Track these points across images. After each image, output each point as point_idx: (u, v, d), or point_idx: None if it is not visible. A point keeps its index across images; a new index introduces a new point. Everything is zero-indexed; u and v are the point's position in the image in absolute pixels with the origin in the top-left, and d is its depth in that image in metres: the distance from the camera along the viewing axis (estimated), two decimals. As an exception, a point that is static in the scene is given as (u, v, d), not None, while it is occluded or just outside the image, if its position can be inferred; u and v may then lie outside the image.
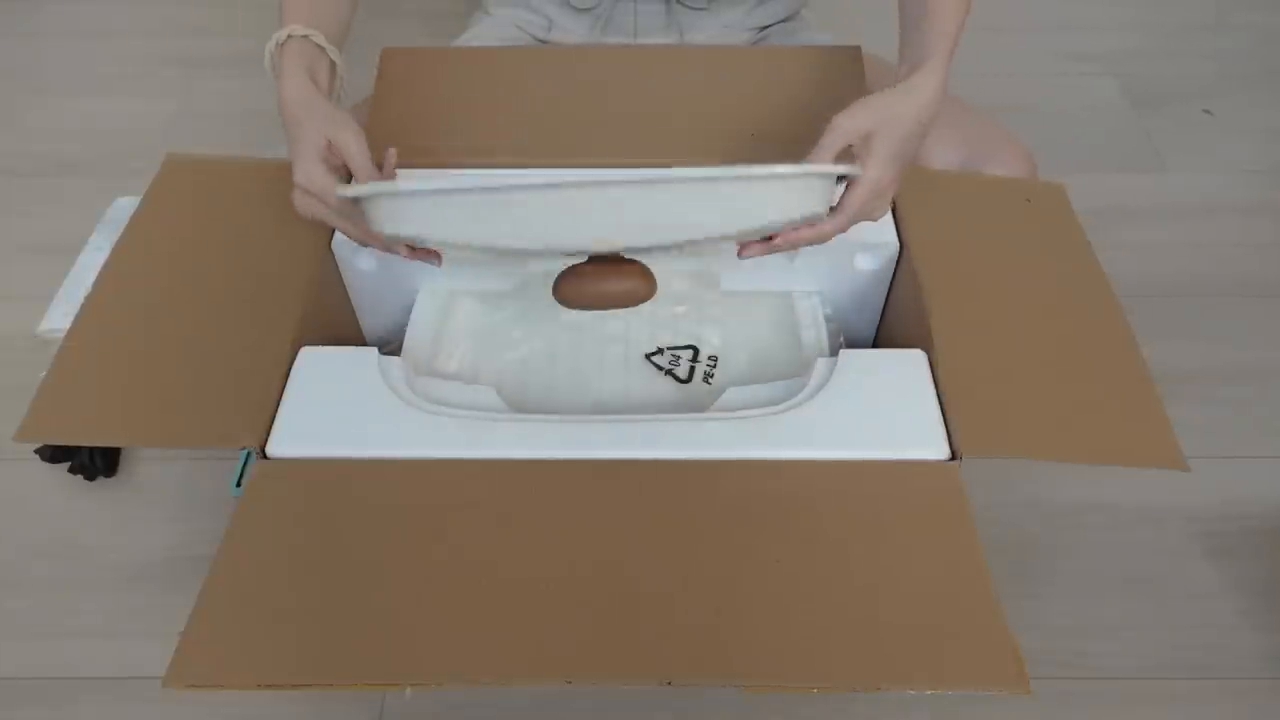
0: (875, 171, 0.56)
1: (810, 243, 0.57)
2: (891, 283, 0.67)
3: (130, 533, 0.90)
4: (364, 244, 0.60)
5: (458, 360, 0.65)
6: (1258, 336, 1.06)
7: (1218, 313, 1.08)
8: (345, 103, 0.82)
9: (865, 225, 0.63)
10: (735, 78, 0.75)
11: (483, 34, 0.86)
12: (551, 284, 0.59)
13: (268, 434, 0.54)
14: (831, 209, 0.57)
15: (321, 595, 0.48)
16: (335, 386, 0.57)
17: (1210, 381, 1.01)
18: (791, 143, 0.68)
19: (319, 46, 0.64)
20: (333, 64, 0.65)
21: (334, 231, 0.65)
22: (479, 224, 0.50)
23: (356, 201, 0.55)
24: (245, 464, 0.78)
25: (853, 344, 0.63)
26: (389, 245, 0.58)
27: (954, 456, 0.53)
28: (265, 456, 0.54)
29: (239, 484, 0.80)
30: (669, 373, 0.64)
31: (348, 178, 0.60)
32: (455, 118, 0.72)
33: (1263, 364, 1.03)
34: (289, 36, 0.64)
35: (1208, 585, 0.86)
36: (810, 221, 0.55)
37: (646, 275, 0.58)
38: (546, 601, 0.47)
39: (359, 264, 0.66)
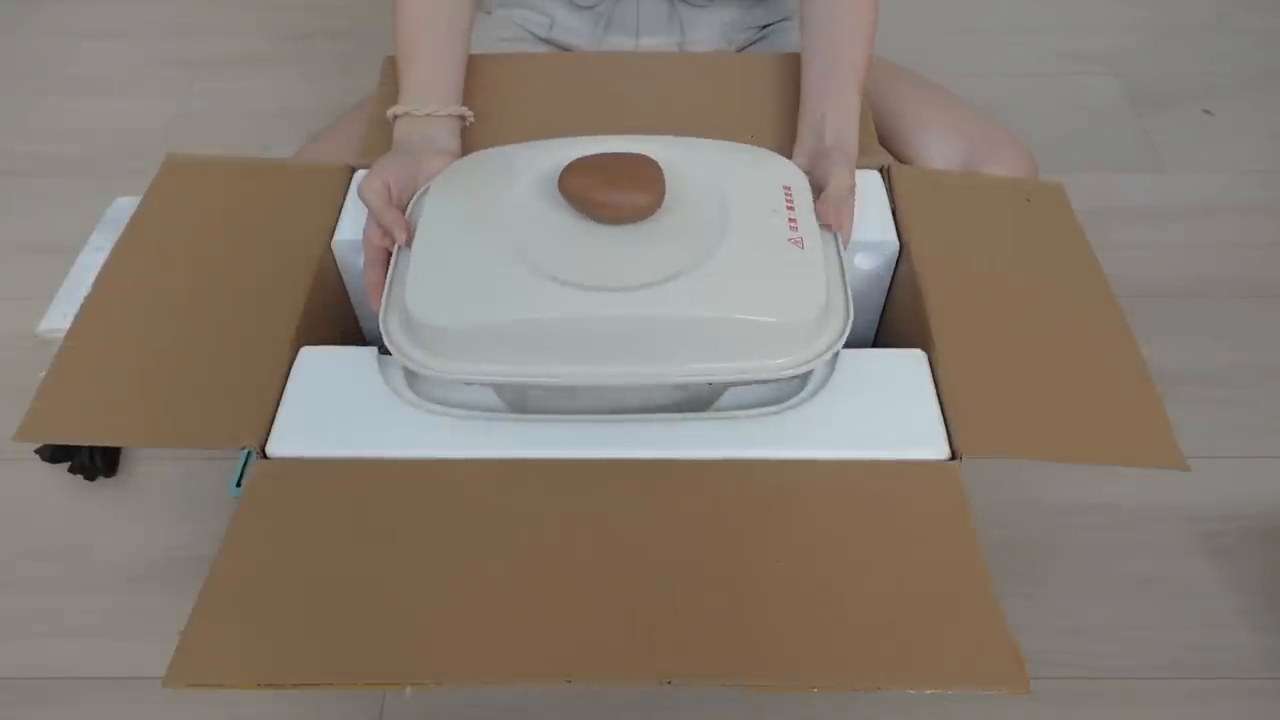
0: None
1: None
2: (891, 283, 0.67)
3: (130, 533, 0.90)
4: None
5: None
6: (1258, 336, 1.06)
7: (1218, 313, 1.08)
8: (347, 103, 0.83)
9: (865, 225, 0.63)
10: (735, 83, 0.76)
11: (484, 34, 0.86)
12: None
13: (268, 434, 0.54)
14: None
15: (321, 595, 0.48)
16: (335, 386, 0.57)
17: (1210, 381, 1.01)
18: (788, 144, 0.69)
19: (430, 116, 0.67)
20: (456, 117, 0.68)
21: (334, 231, 0.65)
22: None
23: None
24: (245, 464, 0.78)
25: (853, 344, 0.63)
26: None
27: (954, 456, 0.53)
28: (265, 456, 0.54)
29: (239, 484, 0.80)
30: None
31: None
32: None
33: (1263, 364, 1.03)
34: (395, 116, 0.67)
35: (1208, 585, 0.86)
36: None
37: (653, 188, 0.57)
38: (546, 601, 0.47)
39: (359, 264, 0.66)
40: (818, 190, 0.61)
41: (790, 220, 0.58)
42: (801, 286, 0.55)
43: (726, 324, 0.53)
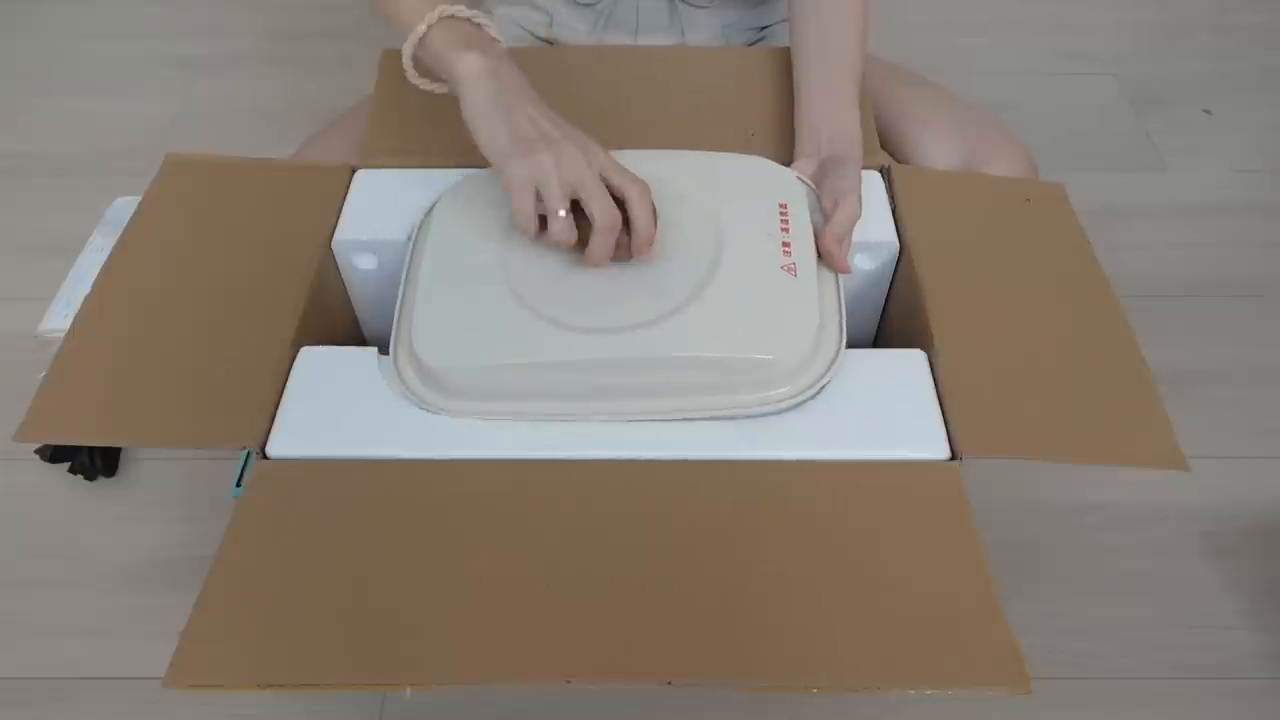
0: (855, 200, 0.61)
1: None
2: (891, 283, 0.67)
3: (130, 533, 0.90)
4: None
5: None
6: (1257, 336, 1.06)
7: (1218, 313, 1.08)
8: (347, 103, 0.83)
9: (865, 225, 0.63)
10: (735, 78, 0.75)
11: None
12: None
13: (268, 434, 0.54)
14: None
15: (321, 595, 0.48)
16: (335, 386, 0.57)
17: (1210, 381, 1.01)
18: (788, 140, 0.69)
19: (475, 23, 0.59)
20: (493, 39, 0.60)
21: (334, 231, 0.65)
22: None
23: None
24: (245, 464, 0.78)
25: (853, 344, 0.63)
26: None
27: (954, 456, 0.53)
28: (265, 456, 0.54)
29: (239, 484, 0.80)
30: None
31: None
32: (455, 118, 0.72)
33: (1262, 364, 1.03)
34: (440, 18, 0.58)
35: (1208, 585, 0.86)
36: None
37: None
38: (547, 601, 0.47)
39: (359, 264, 0.66)
40: (826, 202, 0.61)
41: (784, 245, 0.58)
42: (794, 319, 0.55)
43: (718, 363, 0.54)
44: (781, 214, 0.60)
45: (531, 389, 0.55)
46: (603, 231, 0.54)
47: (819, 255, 0.60)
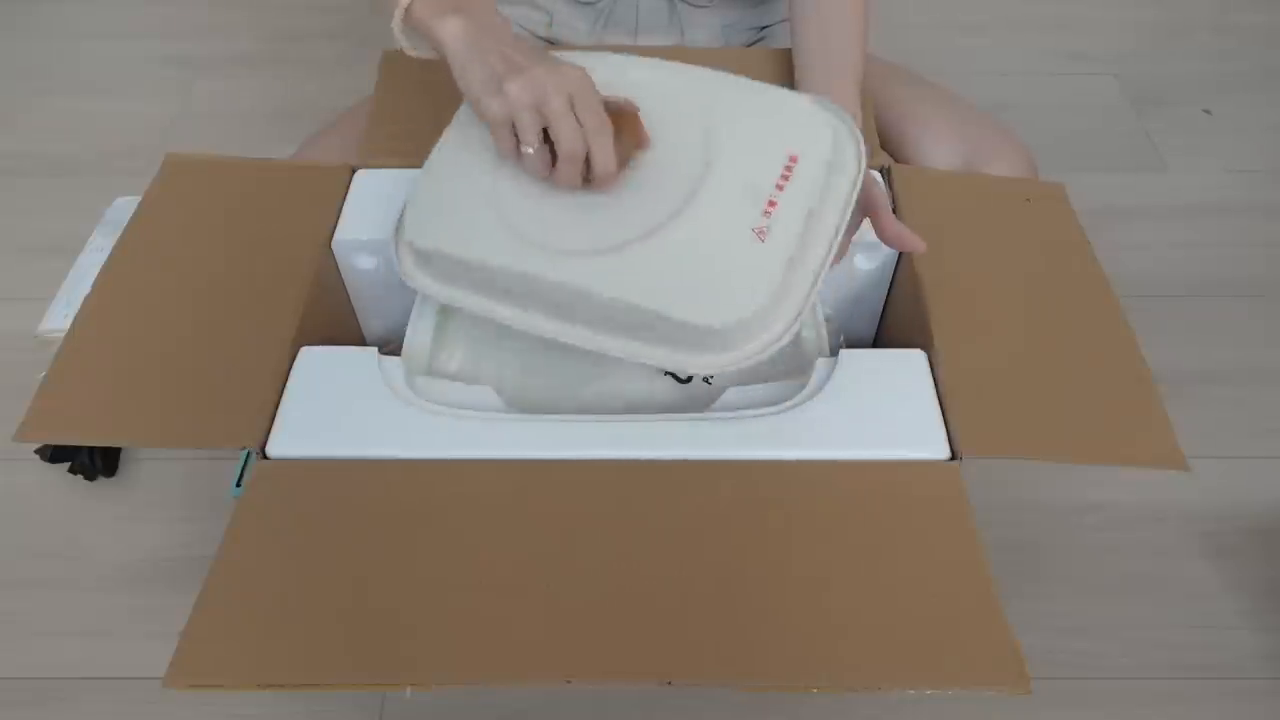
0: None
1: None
2: (891, 283, 0.67)
3: (130, 533, 0.90)
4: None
5: (458, 360, 0.65)
6: (1257, 336, 1.06)
7: (1218, 313, 1.08)
8: (347, 103, 0.83)
9: (865, 226, 0.63)
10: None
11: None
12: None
13: (268, 434, 0.54)
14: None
15: (321, 595, 0.48)
16: (335, 386, 0.57)
17: (1210, 381, 1.01)
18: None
19: None
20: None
21: (334, 231, 0.65)
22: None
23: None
24: (245, 464, 0.78)
25: (853, 344, 0.63)
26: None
27: (954, 456, 0.53)
28: (265, 456, 0.54)
29: (239, 484, 0.80)
30: (668, 372, 0.64)
31: None
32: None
33: (1262, 364, 1.03)
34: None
35: (1208, 585, 0.86)
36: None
37: (635, 132, 0.56)
38: (546, 601, 0.47)
39: (359, 264, 0.66)
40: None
41: (769, 203, 0.54)
42: (739, 287, 0.52)
43: (644, 313, 0.52)
44: (785, 167, 0.56)
45: (481, 284, 0.57)
46: (566, 160, 0.54)
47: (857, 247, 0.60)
